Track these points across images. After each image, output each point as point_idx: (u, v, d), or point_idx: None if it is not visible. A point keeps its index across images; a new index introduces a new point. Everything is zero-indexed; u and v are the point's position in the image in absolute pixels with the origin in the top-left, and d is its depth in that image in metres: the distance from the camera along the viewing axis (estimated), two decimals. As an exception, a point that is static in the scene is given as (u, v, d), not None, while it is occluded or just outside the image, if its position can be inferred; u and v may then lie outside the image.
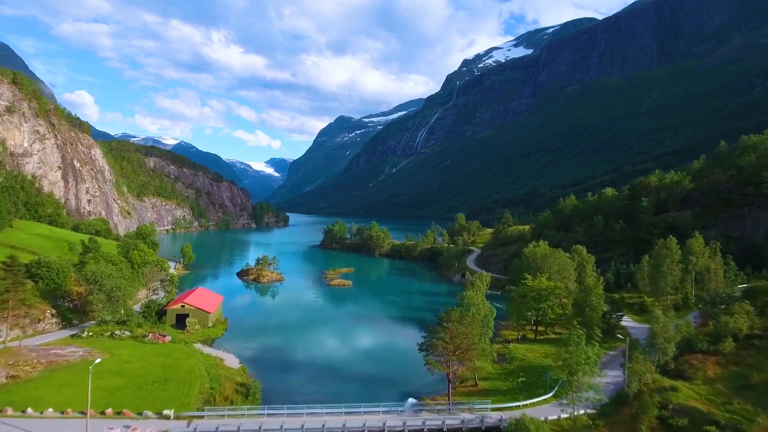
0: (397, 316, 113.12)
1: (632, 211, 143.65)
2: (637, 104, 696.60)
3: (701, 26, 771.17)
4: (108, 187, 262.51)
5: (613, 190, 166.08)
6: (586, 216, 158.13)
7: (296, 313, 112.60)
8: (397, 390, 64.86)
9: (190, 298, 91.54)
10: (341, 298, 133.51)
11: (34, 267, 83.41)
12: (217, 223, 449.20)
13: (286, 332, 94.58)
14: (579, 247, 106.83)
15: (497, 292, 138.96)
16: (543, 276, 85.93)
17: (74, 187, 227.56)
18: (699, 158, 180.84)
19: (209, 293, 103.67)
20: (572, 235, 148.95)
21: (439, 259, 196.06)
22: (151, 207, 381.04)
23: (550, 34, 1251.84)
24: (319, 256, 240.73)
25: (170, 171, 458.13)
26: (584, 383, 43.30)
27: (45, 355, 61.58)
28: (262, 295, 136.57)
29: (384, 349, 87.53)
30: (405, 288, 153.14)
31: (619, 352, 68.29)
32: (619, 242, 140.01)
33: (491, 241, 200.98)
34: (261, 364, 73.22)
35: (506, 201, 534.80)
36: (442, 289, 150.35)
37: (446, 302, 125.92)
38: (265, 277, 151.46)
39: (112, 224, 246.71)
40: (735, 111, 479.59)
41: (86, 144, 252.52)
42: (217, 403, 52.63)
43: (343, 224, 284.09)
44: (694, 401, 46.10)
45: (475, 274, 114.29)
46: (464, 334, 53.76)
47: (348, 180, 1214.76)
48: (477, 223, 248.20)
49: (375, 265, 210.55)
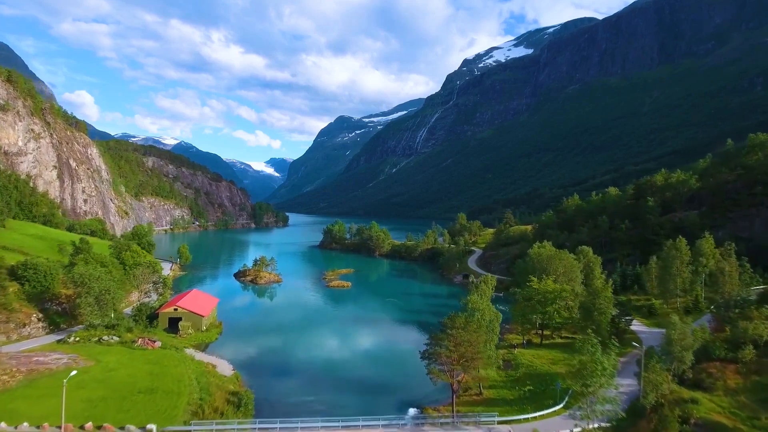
0: (398, 319, 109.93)
1: (637, 211, 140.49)
2: (637, 104, 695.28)
3: (702, 26, 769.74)
4: (105, 186, 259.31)
5: (616, 190, 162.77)
6: (589, 216, 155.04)
7: (293, 315, 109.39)
8: (397, 398, 61.70)
9: (184, 300, 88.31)
10: (340, 300, 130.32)
11: (20, 269, 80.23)
12: (216, 223, 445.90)
13: (282, 336, 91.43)
14: (585, 248, 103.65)
15: (500, 293, 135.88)
16: (549, 278, 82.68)
17: (70, 186, 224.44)
18: (700, 158, 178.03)
19: (204, 295, 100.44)
20: (576, 236, 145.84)
21: (440, 260, 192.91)
22: (150, 207, 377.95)
23: (550, 33, 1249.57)
24: (319, 257, 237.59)
25: (169, 171, 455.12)
26: (600, 396, 40.09)
27: (26, 362, 58.40)
28: (259, 296, 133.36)
29: (384, 353, 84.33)
30: (405, 289, 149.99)
31: (630, 359, 65.11)
32: (624, 243, 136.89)
33: (493, 242, 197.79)
34: (255, 371, 70.07)
35: (507, 201, 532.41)
36: (443, 290, 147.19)
37: (447, 304, 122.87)
38: (263, 279, 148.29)
39: (109, 224, 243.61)
40: (736, 111, 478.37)
41: (82, 143, 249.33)
42: (206, 415, 49.43)
43: (342, 224, 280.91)
44: (718, 415, 42.95)
45: (479, 276, 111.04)
46: (469, 341, 50.55)
47: (348, 180, 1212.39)
48: (478, 223, 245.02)
49: (375, 266, 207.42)
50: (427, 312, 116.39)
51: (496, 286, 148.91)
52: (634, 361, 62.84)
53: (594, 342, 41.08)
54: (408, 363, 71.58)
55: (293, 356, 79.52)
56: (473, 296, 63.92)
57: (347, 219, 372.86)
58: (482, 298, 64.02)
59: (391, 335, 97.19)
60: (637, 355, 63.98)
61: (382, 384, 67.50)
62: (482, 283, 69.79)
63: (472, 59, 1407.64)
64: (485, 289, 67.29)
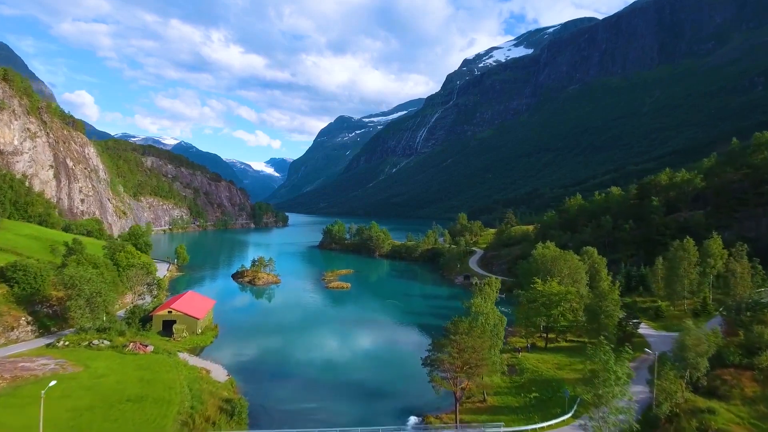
0: (398, 321, 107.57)
1: (641, 211, 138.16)
2: (637, 104, 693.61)
3: (702, 26, 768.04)
4: (102, 186, 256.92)
5: (619, 190, 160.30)
6: (592, 216, 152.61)
7: (291, 317, 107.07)
8: (397, 404, 59.39)
9: (178, 303, 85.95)
10: (339, 302, 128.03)
11: (9, 270, 77.88)
12: (216, 223, 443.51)
13: (279, 339, 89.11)
14: (590, 248, 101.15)
15: (502, 295, 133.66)
16: (553, 280, 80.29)
17: (67, 186, 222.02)
18: (702, 157, 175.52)
19: (199, 297, 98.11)
20: (579, 236, 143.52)
21: (440, 261, 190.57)
22: (148, 207, 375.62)
23: (550, 33, 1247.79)
24: (318, 257, 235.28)
25: (168, 170, 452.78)
26: (613, 407, 37.76)
27: (11, 368, 56.05)
28: (256, 298, 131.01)
29: (384, 357, 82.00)
30: (405, 290, 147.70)
31: (640, 364, 62.76)
32: (628, 243, 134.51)
33: (494, 242, 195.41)
34: (251, 376, 67.75)
35: (507, 201, 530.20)
36: (444, 291, 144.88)
37: (449, 306, 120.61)
38: (261, 280, 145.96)
39: (107, 224, 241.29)
40: (736, 111, 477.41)
41: (80, 142, 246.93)
42: (197, 425, 47.08)
43: (342, 224, 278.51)
44: (737, 426, 40.64)
45: (482, 278, 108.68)
46: (473, 347, 48.23)
47: (348, 180, 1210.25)
48: (479, 223, 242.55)
49: (375, 267, 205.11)
50: (428, 314, 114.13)
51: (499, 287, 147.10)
52: (645, 367, 60.58)
53: (607, 349, 38.73)
54: (409, 367, 69.31)
55: (290, 360, 77.18)
56: (477, 299, 61.60)
57: (347, 219, 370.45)
58: (486, 301, 61.69)
59: (392, 338, 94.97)
60: (647, 361, 61.75)
61: (382, 389, 65.20)
62: (486, 285, 67.41)
63: (472, 59, 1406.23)
64: (489, 291, 64.94)
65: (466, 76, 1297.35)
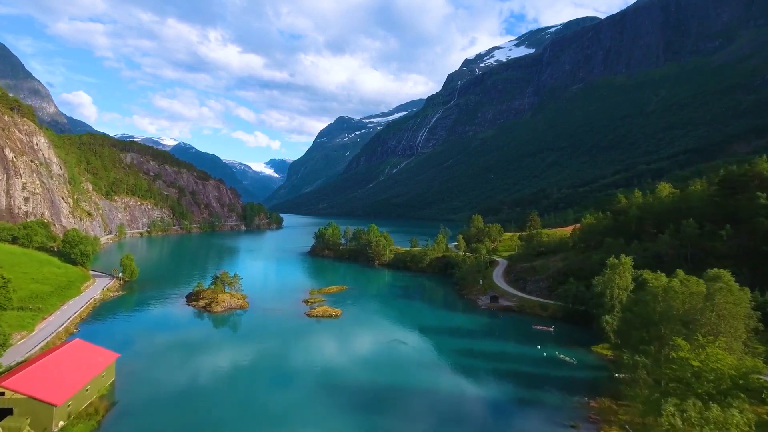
0: (406, 385, 70.30)
1: (738, 212, 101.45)
2: (644, 103, 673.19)
3: (708, 23, 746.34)
4: (54, 183, 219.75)
5: (704, 183, 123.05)
6: (660, 218, 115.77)
7: (244, 383, 69.97)
8: None
9: (22, 374, 48.63)
10: (322, 342, 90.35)
11: None
12: (201, 225, 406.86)
13: (213, 423, 52.07)
14: (722, 272, 63.29)
15: (549, 327, 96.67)
16: (709, 341, 43.17)
17: (5, 182, 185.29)
18: (718, 156, 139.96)
19: (88, 352, 60.38)
20: (649, 245, 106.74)
21: (454, 273, 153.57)
22: (124, 207, 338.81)
23: (552, 33, 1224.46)
24: (307, 268, 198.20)
25: (150, 167, 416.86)
26: None
27: None
28: (206, 334, 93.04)
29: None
30: (415, 318, 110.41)
31: None
32: (723, 256, 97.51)
33: (523, 251, 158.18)
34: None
35: (513, 201, 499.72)
36: (466, 321, 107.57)
37: (477, 349, 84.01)
38: (221, 304, 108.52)
39: (59, 227, 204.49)
40: (749, 109, 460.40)
41: (26, 131, 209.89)
42: None
43: (336, 227, 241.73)
44: None
45: (521, 304, 71.74)
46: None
47: (348, 181, 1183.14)
48: (498, 226, 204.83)
49: (374, 279, 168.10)
50: (450, 368, 77.20)
51: (538, 312, 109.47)
52: None
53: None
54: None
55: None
56: None
57: (347, 220, 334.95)
58: None
59: (398, 417, 57.68)
60: None
61: None
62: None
63: (473, 59, 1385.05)
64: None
65: (467, 75, 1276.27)
